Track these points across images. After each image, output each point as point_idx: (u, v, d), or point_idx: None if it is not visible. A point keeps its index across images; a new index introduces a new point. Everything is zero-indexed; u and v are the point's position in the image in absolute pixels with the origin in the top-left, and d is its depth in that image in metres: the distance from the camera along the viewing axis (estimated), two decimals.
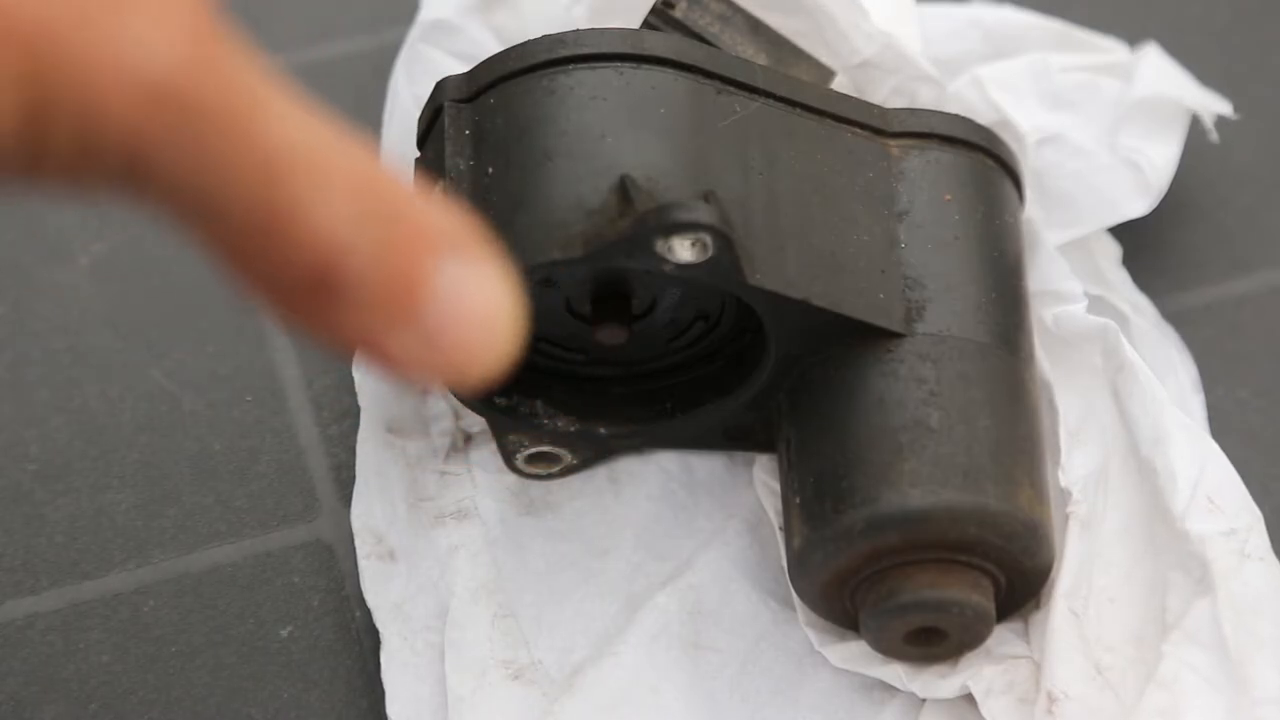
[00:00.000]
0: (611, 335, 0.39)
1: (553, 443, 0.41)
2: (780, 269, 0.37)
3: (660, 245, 0.35)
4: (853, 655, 0.40)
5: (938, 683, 0.40)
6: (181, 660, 0.42)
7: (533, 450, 0.42)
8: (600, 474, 0.44)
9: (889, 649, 0.39)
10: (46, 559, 0.44)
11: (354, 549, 0.43)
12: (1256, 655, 0.37)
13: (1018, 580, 0.39)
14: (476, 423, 0.44)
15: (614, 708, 0.40)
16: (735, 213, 0.36)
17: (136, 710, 0.41)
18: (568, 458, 0.42)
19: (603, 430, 0.41)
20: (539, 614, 0.42)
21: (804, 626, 0.41)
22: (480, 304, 0.27)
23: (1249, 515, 0.40)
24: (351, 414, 0.46)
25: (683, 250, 0.35)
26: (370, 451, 0.44)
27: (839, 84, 0.50)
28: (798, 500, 0.39)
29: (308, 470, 0.46)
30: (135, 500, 0.45)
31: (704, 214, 0.35)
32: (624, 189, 0.36)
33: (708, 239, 0.35)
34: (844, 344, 0.38)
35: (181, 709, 0.41)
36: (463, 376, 0.27)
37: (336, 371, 0.47)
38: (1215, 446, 0.41)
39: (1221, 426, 0.45)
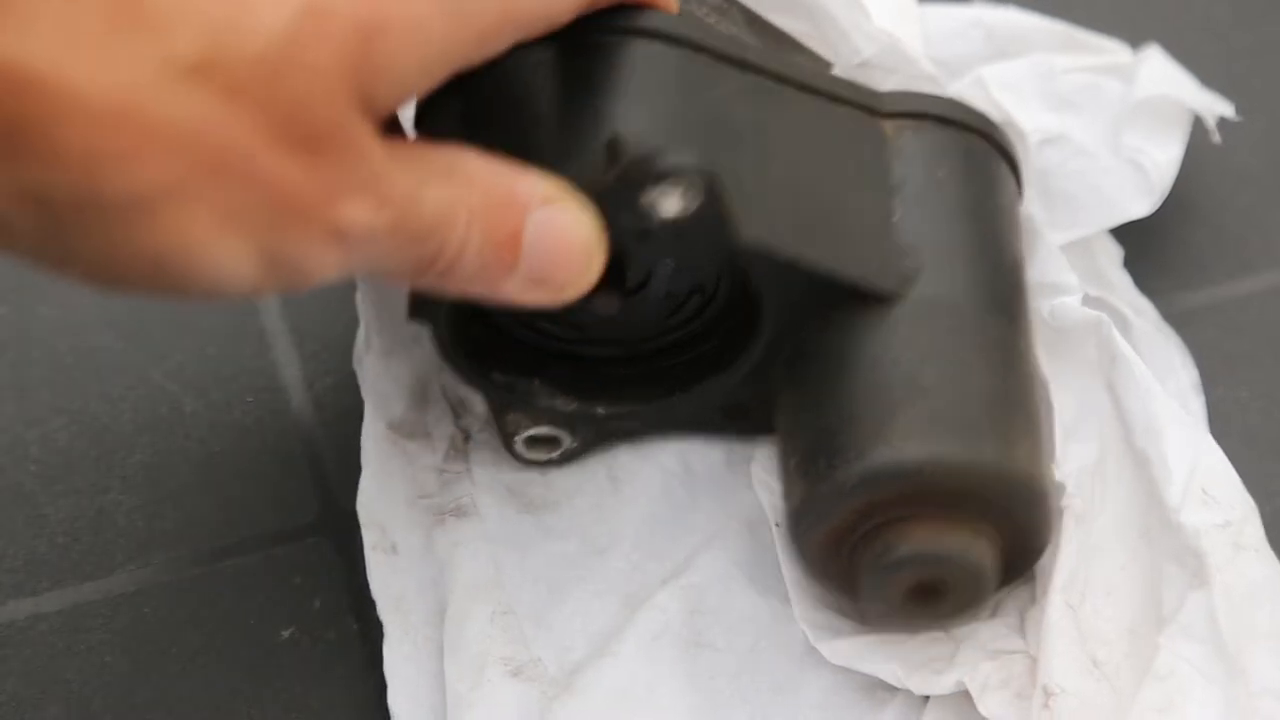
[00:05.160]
0: (605, 304, 0.38)
1: (551, 423, 0.41)
2: (771, 227, 0.37)
3: (646, 197, 0.35)
4: (848, 652, 0.40)
5: (934, 679, 0.40)
6: (183, 661, 0.42)
7: (532, 432, 0.42)
8: (600, 473, 0.44)
9: (890, 611, 0.39)
10: (48, 560, 0.44)
11: (356, 549, 0.43)
12: (1252, 647, 0.37)
13: (1017, 540, 0.39)
14: (475, 422, 0.44)
15: (613, 707, 0.40)
16: (726, 175, 0.36)
17: (138, 710, 0.41)
18: (567, 440, 0.42)
19: (601, 410, 0.41)
20: (538, 612, 0.42)
21: (800, 623, 0.41)
22: (562, 237, 0.35)
23: (1243, 506, 0.40)
24: (352, 414, 0.46)
25: (669, 202, 0.35)
26: (374, 448, 0.44)
27: None
28: (794, 462, 0.39)
29: (309, 471, 0.46)
30: (137, 501, 0.45)
31: (688, 158, 0.35)
32: (612, 147, 0.36)
33: (694, 186, 0.35)
34: (838, 310, 0.38)
35: (183, 710, 0.41)
36: (561, 298, 0.35)
37: (337, 372, 0.47)
38: (1209, 438, 0.41)
39: (1221, 426, 0.45)
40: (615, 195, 0.35)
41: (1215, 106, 0.51)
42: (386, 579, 0.42)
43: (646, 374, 0.42)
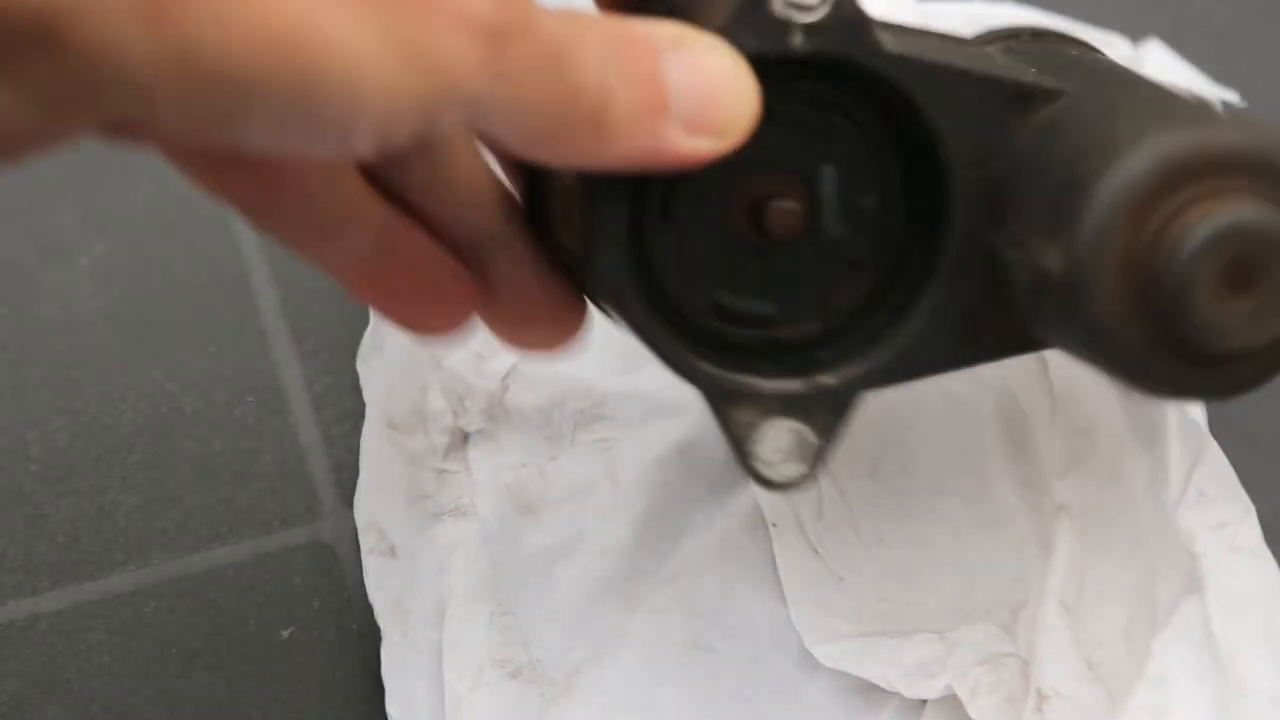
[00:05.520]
0: (785, 213, 0.36)
1: (786, 413, 0.37)
2: (917, 48, 0.36)
3: (778, 5, 0.34)
4: (841, 655, 0.40)
5: (925, 683, 0.40)
6: (183, 661, 0.42)
7: (770, 429, 0.37)
8: (599, 473, 0.44)
9: (1211, 304, 0.34)
10: (48, 560, 0.44)
11: (355, 550, 0.43)
12: (1246, 651, 0.37)
13: None
14: (474, 421, 0.44)
15: (613, 709, 0.40)
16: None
17: (138, 710, 0.41)
18: (810, 436, 0.37)
19: (830, 379, 0.37)
20: (537, 612, 0.42)
21: (796, 625, 0.41)
22: (705, 69, 0.33)
23: (1240, 507, 0.40)
24: (352, 414, 0.46)
25: (803, 10, 0.34)
26: (373, 448, 0.44)
27: None
28: (1040, 229, 0.35)
29: (309, 471, 0.46)
30: (136, 501, 0.45)
31: None
32: None
33: None
34: (1017, 119, 0.36)
35: (183, 709, 0.41)
36: (730, 140, 0.33)
37: (338, 372, 0.47)
38: (1210, 439, 0.41)
39: (1222, 427, 0.45)
40: (747, 4, 0.34)
41: (1220, 94, 0.51)
42: (384, 582, 0.42)
43: (857, 334, 0.38)
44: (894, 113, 0.36)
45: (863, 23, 0.35)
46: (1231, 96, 0.51)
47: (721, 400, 0.36)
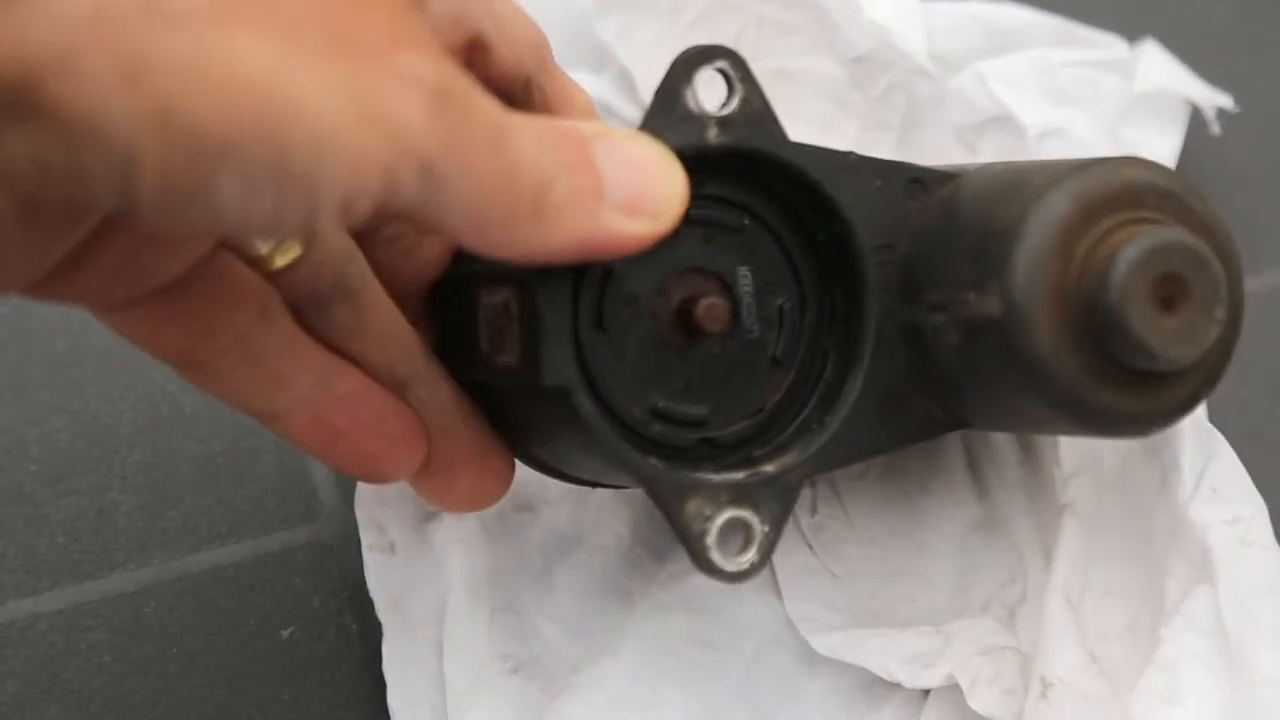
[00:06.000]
0: (713, 308, 0.37)
1: (733, 503, 0.37)
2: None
3: (689, 95, 0.35)
4: (838, 645, 0.40)
5: (924, 673, 0.40)
6: (183, 661, 0.42)
7: (720, 520, 0.37)
8: None
9: (1147, 320, 0.35)
10: (48, 560, 0.44)
11: (355, 550, 0.43)
12: (1256, 639, 0.37)
13: (1209, 239, 0.37)
14: None
15: (615, 707, 0.40)
16: None
17: (138, 710, 0.41)
18: (756, 525, 0.37)
19: (770, 468, 0.38)
20: (537, 609, 0.42)
21: (791, 615, 0.41)
22: (634, 155, 0.33)
23: (1252, 505, 0.40)
24: None
25: (710, 93, 0.35)
26: None
27: (836, 78, 0.50)
28: (966, 284, 0.37)
29: (309, 471, 0.46)
30: (137, 501, 0.45)
31: (716, 45, 0.35)
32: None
33: (729, 70, 0.35)
34: (917, 203, 0.38)
35: (183, 709, 0.41)
36: (664, 223, 0.34)
37: None
38: (1221, 438, 0.41)
39: (1222, 426, 0.45)
40: (663, 103, 0.35)
41: (1213, 98, 0.51)
42: (385, 578, 0.42)
43: (787, 428, 0.39)
44: (801, 214, 0.38)
45: (771, 117, 0.36)
46: (1226, 101, 0.51)
47: (673, 495, 0.37)
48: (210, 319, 0.36)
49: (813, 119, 0.51)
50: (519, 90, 0.37)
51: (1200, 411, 0.44)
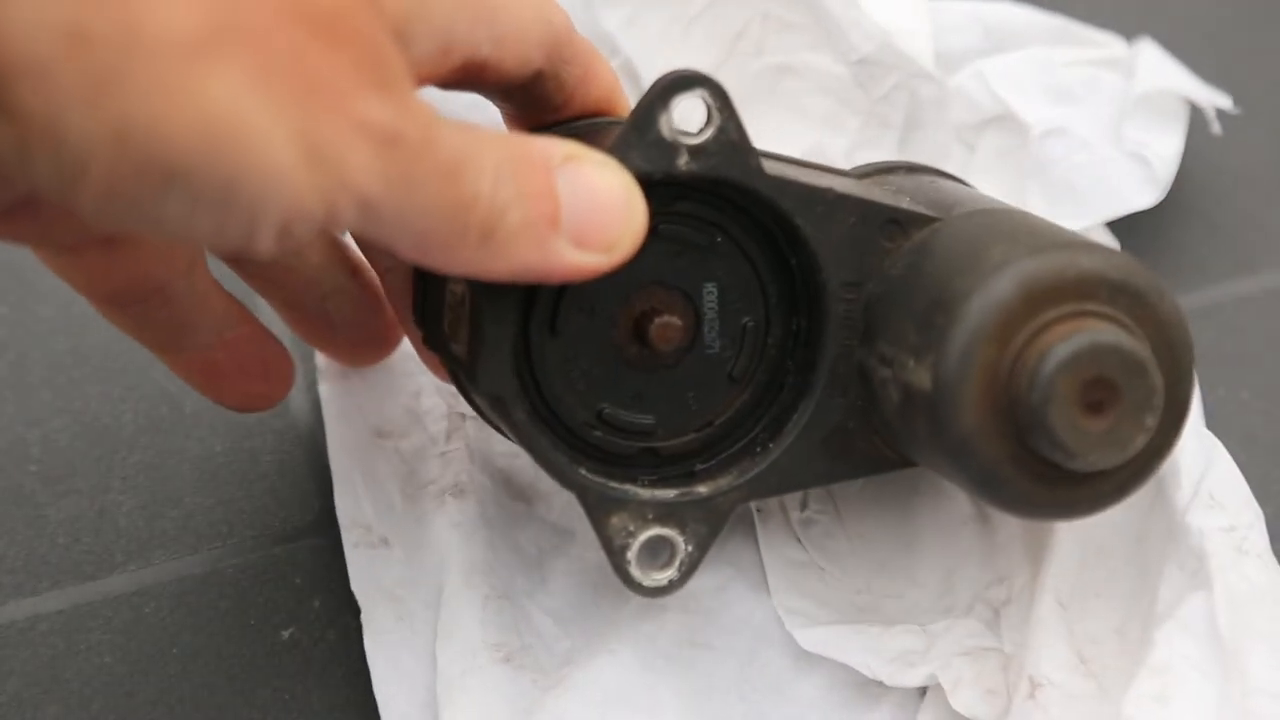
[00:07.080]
0: (667, 327, 0.37)
1: (659, 521, 0.38)
2: (796, 174, 0.37)
3: (664, 121, 0.35)
4: (823, 640, 0.40)
5: (906, 671, 0.40)
6: (183, 661, 0.42)
7: (643, 538, 0.38)
8: None
9: (1070, 423, 0.35)
10: (48, 560, 0.44)
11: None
12: (1250, 647, 0.37)
13: (1158, 339, 0.36)
14: (469, 410, 0.44)
15: (609, 704, 0.40)
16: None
17: (138, 710, 0.41)
18: (681, 545, 0.38)
19: (703, 489, 0.39)
20: (531, 599, 0.42)
21: (778, 609, 0.41)
22: (596, 187, 0.34)
23: (1250, 513, 0.40)
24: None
25: (688, 124, 0.35)
26: (351, 455, 0.44)
27: (839, 75, 0.50)
28: (908, 347, 0.37)
29: (309, 471, 0.46)
30: (137, 502, 0.45)
31: (697, 73, 0.35)
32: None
33: (708, 98, 0.35)
34: (893, 246, 0.38)
35: (183, 710, 0.41)
36: (616, 256, 0.34)
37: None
38: (1220, 445, 0.41)
39: (1222, 427, 0.45)
40: (637, 126, 0.35)
41: (1213, 98, 0.51)
42: (373, 572, 0.42)
43: (732, 448, 0.40)
44: (774, 236, 0.38)
45: (746, 148, 0.36)
46: (1225, 101, 0.51)
47: (598, 508, 0.38)
48: (145, 271, 0.38)
49: (815, 114, 0.51)
50: (527, 85, 0.38)
51: (1199, 418, 0.44)
